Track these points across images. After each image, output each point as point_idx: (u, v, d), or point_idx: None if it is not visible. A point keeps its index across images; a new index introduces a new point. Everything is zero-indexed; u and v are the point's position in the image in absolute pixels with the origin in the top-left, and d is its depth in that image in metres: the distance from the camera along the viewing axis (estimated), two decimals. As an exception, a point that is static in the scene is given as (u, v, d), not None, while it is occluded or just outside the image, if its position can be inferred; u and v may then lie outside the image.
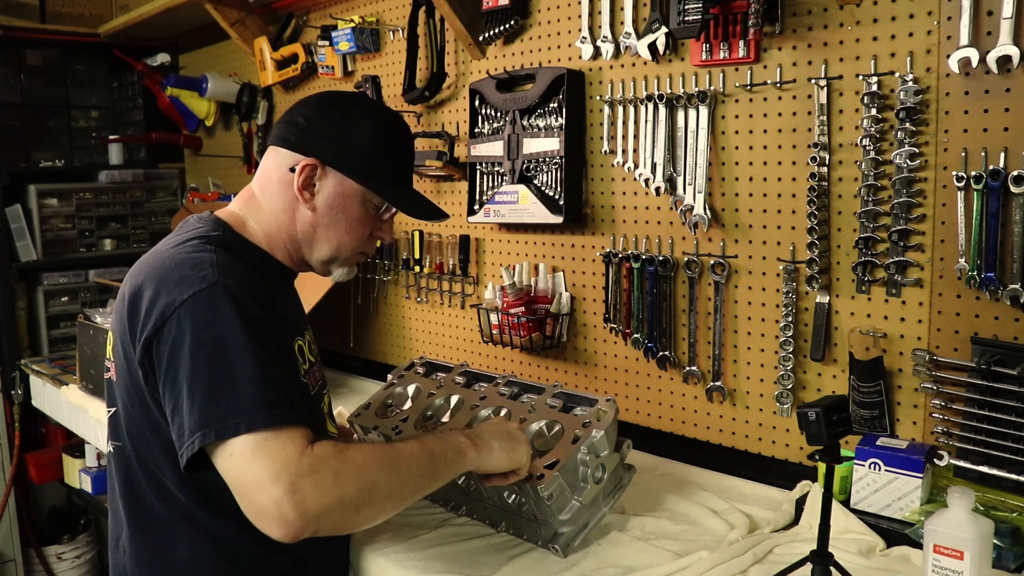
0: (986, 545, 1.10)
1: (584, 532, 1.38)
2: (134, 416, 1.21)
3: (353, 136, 1.29)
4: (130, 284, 1.20)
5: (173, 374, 1.10)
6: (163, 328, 1.11)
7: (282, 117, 1.35)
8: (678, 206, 1.74)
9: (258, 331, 1.12)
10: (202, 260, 1.17)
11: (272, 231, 1.31)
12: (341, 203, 1.30)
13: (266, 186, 1.32)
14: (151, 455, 1.21)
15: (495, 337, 2.08)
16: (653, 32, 1.71)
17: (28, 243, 3.18)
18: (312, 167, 1.27)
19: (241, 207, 1.34)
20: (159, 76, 3.41)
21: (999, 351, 1.35)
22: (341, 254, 1.34)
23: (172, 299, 1.12)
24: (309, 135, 1.29)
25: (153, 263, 1.20)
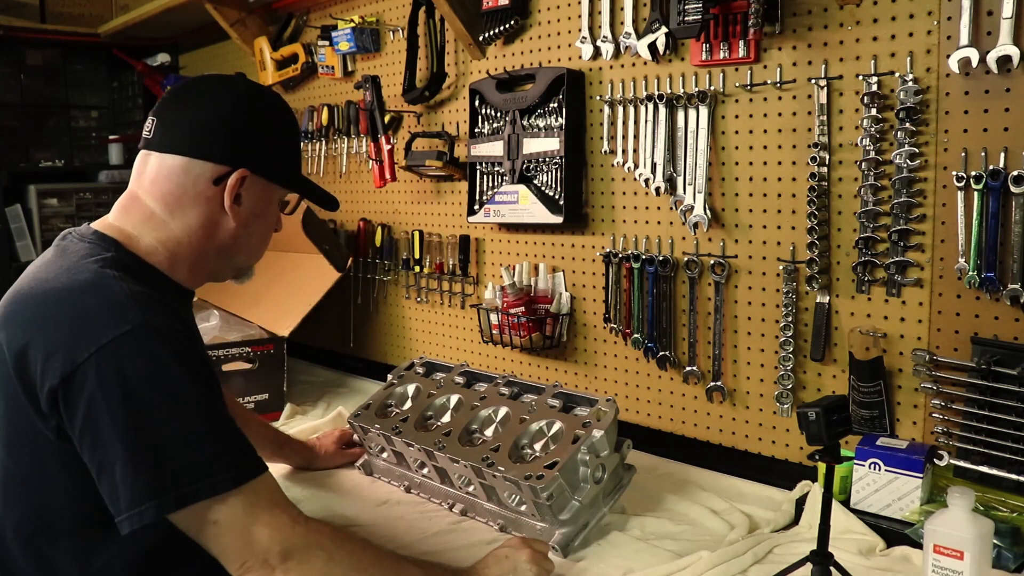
0: (986, 545, 1.10)
1: (584, 532, 1.38)
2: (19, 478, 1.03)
3: (278, 138, 1.21)
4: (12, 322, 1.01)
5: (97, 431, 0.95)
6: (73, 377, 0.94)
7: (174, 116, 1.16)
8: (678, 206, 1.74)
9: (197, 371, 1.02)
10: (113, 292, 1.01)
11: (180, 250, 1.15)
12: (263, 209, 1.21)
13: (176, 203, 1.14)
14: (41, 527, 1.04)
15: (495, 337, 2.08)
16: (653, 32, 1.71)
17: (28, 243, 3.18)
18: (244, 178, 1.15)
19: (130, 223, 1.15)
20: (159, 76, 3.41)
21: (999, 351, 1.35)
22: (255, 260, 1.27)
23: (84, 342, 0.95)
24: (234, 142, 1.15)
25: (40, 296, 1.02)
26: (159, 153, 1.15)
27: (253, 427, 1.63)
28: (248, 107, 1.18)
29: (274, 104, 1.23)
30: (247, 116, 1.18)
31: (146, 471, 0.95)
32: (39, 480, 1.03)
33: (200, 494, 0.96)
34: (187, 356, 1.01)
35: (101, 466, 0.96)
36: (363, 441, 1.71)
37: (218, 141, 1.14)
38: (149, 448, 0.95)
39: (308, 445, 1.76)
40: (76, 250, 1.10)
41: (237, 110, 1.17)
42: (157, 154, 1.15)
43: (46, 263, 1.10)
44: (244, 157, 1.15)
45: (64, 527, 1.04)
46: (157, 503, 0.95)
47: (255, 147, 1.17)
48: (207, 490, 0.96)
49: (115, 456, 0.95)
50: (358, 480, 1.70)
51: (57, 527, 1.04)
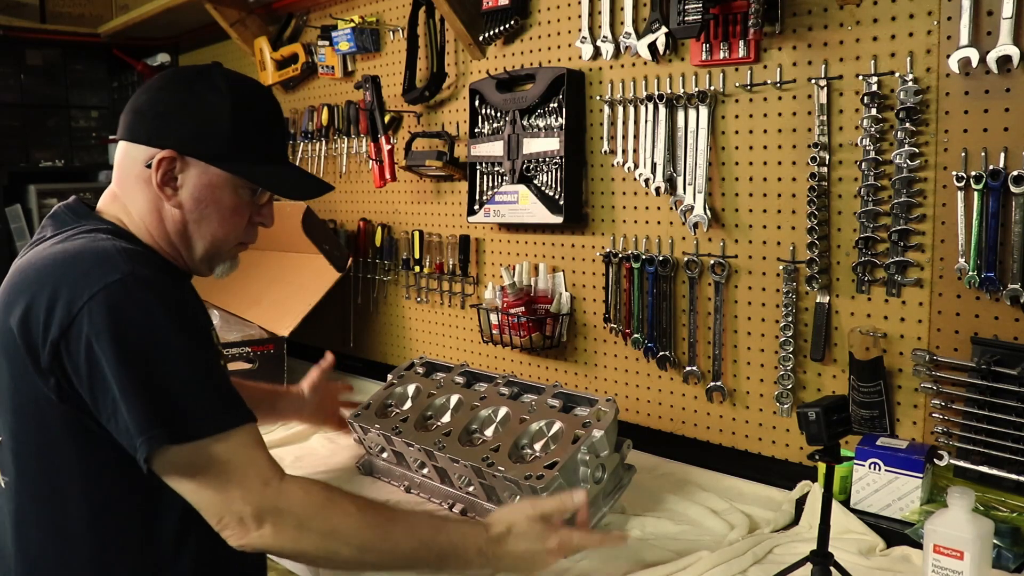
0: (986, 545, 1.09)
1: (584, 532, 1.38)
2: (28, 443, 1.07)
3: (208, 115, 1.13)
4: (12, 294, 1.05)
5: (101, 375, 0.99)
6: (71, 327, 0.99)
7: (126, 106, 1.19)
8: (678, 206, 1.74)
9: (185, 322, 1.04)
10: (104, 249, 1.05)
11: (144, 233, 1.16)
12: (209, 194, 1.15)
13: (125, 187, 1.16)
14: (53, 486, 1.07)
15: (495, 337, 2.08)
16: (653, 32, 1.71)
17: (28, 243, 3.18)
18: (169, 160, 1.12)
19: (111, 207, 1.18)
20: (159, 76, 3.41)
21: (999, 351, 1.35)
22: (220, 249, 1.21)
23: (79, 293, 0.99)
24: (159, 123, 1.13)
25: (38, 264, 1.06)
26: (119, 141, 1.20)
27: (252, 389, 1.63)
28: (180, 88, 1.15)
29: (218, 84, 1.15)
30: (177, 97, 1.15)
31: (140, 409, 0.99)
32: (48, 448, 1.06)
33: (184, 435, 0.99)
34: (172, 305, 1.04)
35: (111, 406, 1.00)
36: (363, 441, 1.71)
37: (146, 123, 1.15)
38: (139, 386, 0.99)
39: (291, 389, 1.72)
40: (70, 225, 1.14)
41: (168, 92, 1.16)
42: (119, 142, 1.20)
43: (43, 237, 1.14)
44: (169, 138, 1.13)
45: (74, 493, 1.06)
46: (148, 438, 0.98)
47: (184, 126, 1.13)
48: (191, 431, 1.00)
49: (115, 397, 0.99)
50: (358, 480, 1.70)
51: (68, 493, 1.07)
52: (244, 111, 1.16)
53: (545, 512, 1.17)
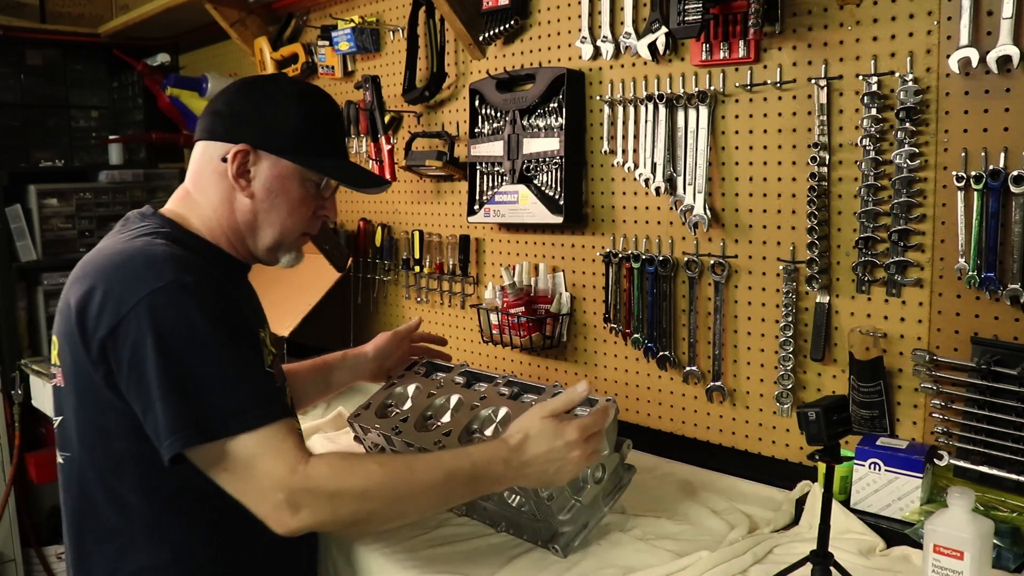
0: (986, 545, 1.09)
1: (584, 532, 1.38)
2: (86, 423, 1.18)
3: (279, 115, 1.26)
4: (76, 286, 1.16)
5: (139, 375, 1.08)
6: (119, 327, 1.08)
7: (205, 110, 1.31)
8: (678, 206, 1.74)
9: (223, 325, 1.12)
10: (155, 255, 1.14)
11: (213, 225, 1.28)
12: (279, 185, 1.27)
13: (199, 182, 1.29)
14: (108, 463, 1.17)
15: (495, 337, 2.08)
16: (653, 32, 1.71)
17: (28, 243, 3.18)
18: (244, 153, 1.24)
19: (180, 206, 1.30)
20: (159, 76, 3.41)
21: (999, 351, 1.35)
22: (286, 239, 1.31)
23: (127, 297, 1.09)
24: (235, 122, 1.25)
25: (99, 262, 1.16)
26: (195, 143, 1.31)
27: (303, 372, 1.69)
28: (254, 90, 1.29)
29: (287, 87, 1.30)
30: (251, 97, 1.28)
31: (177, 407, 1.06)
32: (103, 425, 1.16)
33: (219, 431, 1.07)
34: (212, 310, 1.11)
35: (145, 405, 1.08)
36: (363, 441, 1.71)
37: (223, 122, 1.26)
38: (177, 388, 1.07)
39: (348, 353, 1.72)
40: (137, 225, 1.24)
41: (243, 94, 1.28)
42: (196, 144, 1.31)
43: (109, 237, 1.26)
44: (244, 134, 1.24)
45: (129, 466, 1.16)
46: (185, 435, 1.06)
47: (258, 124, 1.25)
48: (226, 428, 1.07)
49: (153, 394, 1.07)
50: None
51: (124, 467, 1.16)
52: (309, 110, 1.28)
53: (555, 409, 1.25)
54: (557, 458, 1.21)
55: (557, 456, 1.21)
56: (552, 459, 1.21)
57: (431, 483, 1.15)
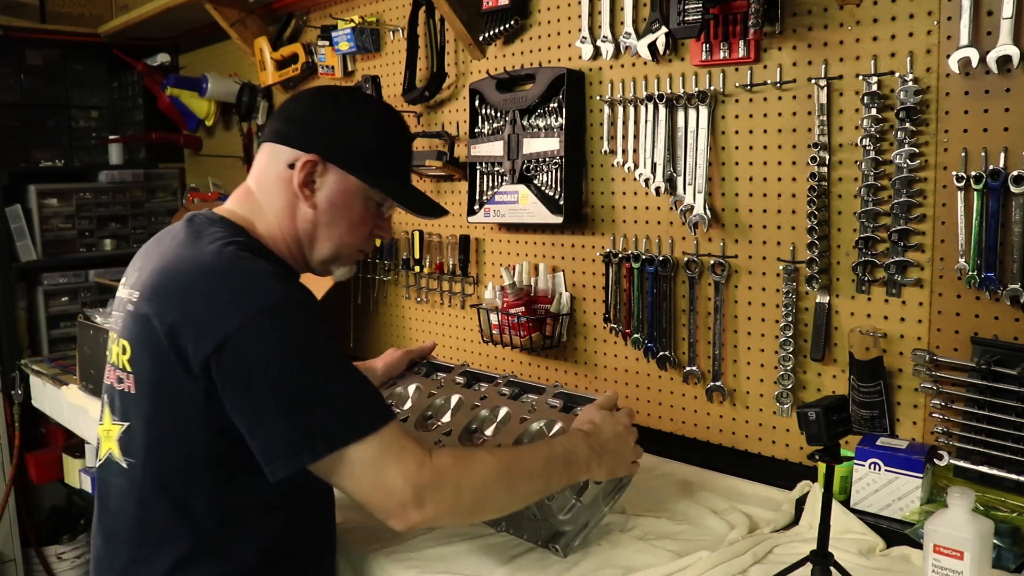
0: (986, 545, 1.09)
1: (584, 532, 1.38)
2: (160, 432, 1.16)
3: (354, 131, 1.26)
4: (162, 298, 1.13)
5: (252, 391, 1.07)
6: (226, 345, 1.06)
7: (277, 112, 1.31)
8: (678, 206, 1.74)
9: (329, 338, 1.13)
10: (255, 270, 1.13)
11: (275, 232, 1.27)
12: (343, 200, 1.26)
13: (264, 184, 1.28)
14: (178, 473, 1.16)
15: (495, 337, 2.08)
16: (653, 32, 1.71)
17: (28, 243, 3.18)
18: (312, 163, 1.23)
19: (242, 207, 1.29)
20: (159, 76, 3.41)
21: (999, 351, 1.35)
22: (342, 253, 1.32)
23: (234, 313, 1.07)
24: (308, 130, 1.25)
25: (188, 271, 1.14)
26: (263, 144, 1.30)
27: None
28: (332, 103, 1.28)
29: (364, 104, 1.31)
30: (329, 109, 1.27)
31: (297, 423, 1.06)
32: (179, 433, 1.14)
33: (344, 439, 1.07)
34: (321, 323, 1.13)
35: (255, 423, 1.08)
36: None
37: (296, 128, 1.26)
38: (297, 403, 1.07)
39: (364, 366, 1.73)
40: (209, 232, 1.21)
41: (320, 104, 1.28)
42: (263, 145, 1.30)
43: (184, 243, 1.20)
44: (316, 144, 1.24)
45: (199, 474, 1.15)
46: (310, 450, 1.06)
47: (331, 136, 1.25)
48: (347, 436, 1.07)
49: (267, 413, 1.06)
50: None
51: (193, 474, 1.15)
52: (384, 129, 1.29)
53: (604, 406, 1.36)
54: (622, 441, 1.31)
55: (621, 440, 1.31)
56: (619, 442, 1.31)
57: (535, 469, 1.19)
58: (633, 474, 1.48)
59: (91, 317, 2.45)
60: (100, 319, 2.42)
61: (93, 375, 2.43)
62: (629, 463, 1.34)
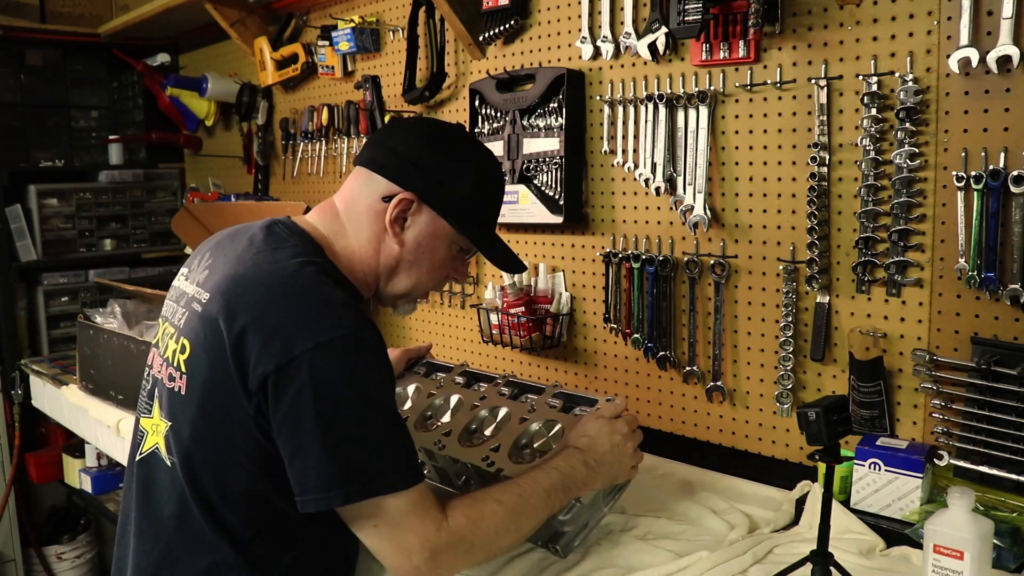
0: (986, 545, 1.09)
1: (584, 532, 1.38)
2: (204, 438, 1.15)
3: (454, 175, 1.25)
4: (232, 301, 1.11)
5: (298, 419, 1.06)
6: (288, 367, 1.05)
7: (377, 138, 1.30)
8: (678, 206, 1.74)
9: (387, 383, 1.13)
10: (332, 297, 1.12)
11: (355, 259, 1.25)
12: (430, 242, 1.26)
13: (353, 210, 1.26)
14: (216, 481, 1.15)
15: (495, 337, 2.08)
16: (653, 32, 1.71)
17: (28, 243, 3.18)
18: (408, 201, 1.22)
19: (326, 226, 1.26)
20: (159, 76, 3.41)
21: (999, 351, 1.35)
22: (417, 292, 1.31)
23: (302, 338, 1.06)
24: (409, 166, 1.23)
25: (263, 282, 1.12)
26: (356, 166, 1.28)
27: None
28: (438, 142, 1.27)
29: (471, 149, 1.29)
30: (433, 148, 1.25)
31: (338, 462, 1.06)
32: (223, 446, 1.13)
33: (378, 490, 1.07)
34: (383, 366, 1.13)
35: (296, 450, 1.07)
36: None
37: (397, 161, 1.24)
38: (343, 442, 1.06)
39: None
40: (290, 245, 1.20)
41: (426, 141, 1.26)
42: (357, 167, 1.28)
43: (262, 252, 1.18)
44: (415, 182, 1.22)
45: (233, 490, 1.14)
46: (343, 492, 1.06)
47: (430, 177, 1.23)
48: (383, 488, 1.07)
49: (311, 443, 1.05)
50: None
51: (232, 488, 1.14)
52: (484, 178, 1.28)
53: (603, 415, 1.34)
54: (619, 452, 1.30)
55: (618, 450, 1.30)
56: (616, 454, 1.29)
57: (538, 505, 1.20)
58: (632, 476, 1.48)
59: (91, 317, 2.45)
60: (100, 319, 2.42)
61: (93, 375, 2.43)
62: (628, 470, 1.33)
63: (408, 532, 1.08)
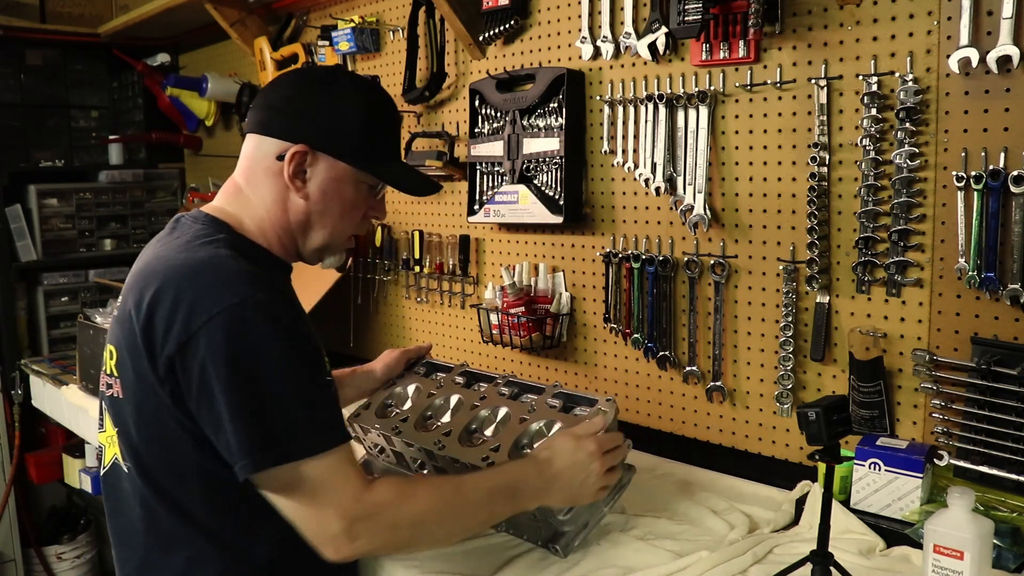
0: (986, 545, 1.09)
1: (584, 532, 1.38)
2: (149, 436, 1.15)
3: (339, 116, 1.23)
4: (138, 295, 1.12)
5: (209, 395, 1.05)
6: (188, 344, 1.05)
7: (257, 101, 1.27)
8: (678, 206, 1.74)
9: (294, 345, 1.10)
10: (223, 268, 1.11)
11: (266, 225, 1.25)
12: (335, 188, 1.24)
13: (252, 178, 1.25)
14: (172, 475, 1.15)
15: (495, 337, 2.08)
16: (653, 32, 1.71)
17: (28, 243, 3.18)
18: (302, 154, 1.20)
19: (230, 203, 1.26)
20: (159, 76, 3.41)
21: (999, 351, 1.35)
22: (335, 240, 1.30)
23: (198, 313, 1.05)
24: (293, 120, 1.22)
25: (162, 272, 1.12)
26: (247, 135, 1.27)
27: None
28: (315, 88, 1.25)
29: (348, 86, 1.25)
30: (311, 95, 1.23)
31: (249, 429, 1.05)
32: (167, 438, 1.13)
33: (288, 455, 1.05)
34: (285, 328, 1.09)
35: (215, 424, 1.07)
36: (363, 441, 1.71)
37: (281, 118, 1.22)
38: (248, 410, 1.05)
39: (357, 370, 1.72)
40: (191, 232, 1.20)
41: (303, 90, 1.24)
42: (247, 136, 1.27)
43: (164, 242, 1.21)
44: (304, 133, 1.21)
45: (194, 479, 1.14)
46: (253, 459, 1.05)
47: (317, 124, 1.22)
48: (294, 452, 1.06)
49: (223, 414, 1.05)
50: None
51: (189, 479, 1.14)
52: (372, 113, 1.26)
53: (575, 432, 1.30)
54: (580, 470, 1.25)
55: (580, 468, 1.25)
56: (577, 471, 1.24)
57: (477, 501, 1.18)
58: (633, 474, 1.48)
59: (91, 317, 2.45)
60: (100, 319, 2.42)
61: (93, 375, 2.43)
62: (594, 491, 1.27)
63: (324, 499, 1.06)
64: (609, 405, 1.41)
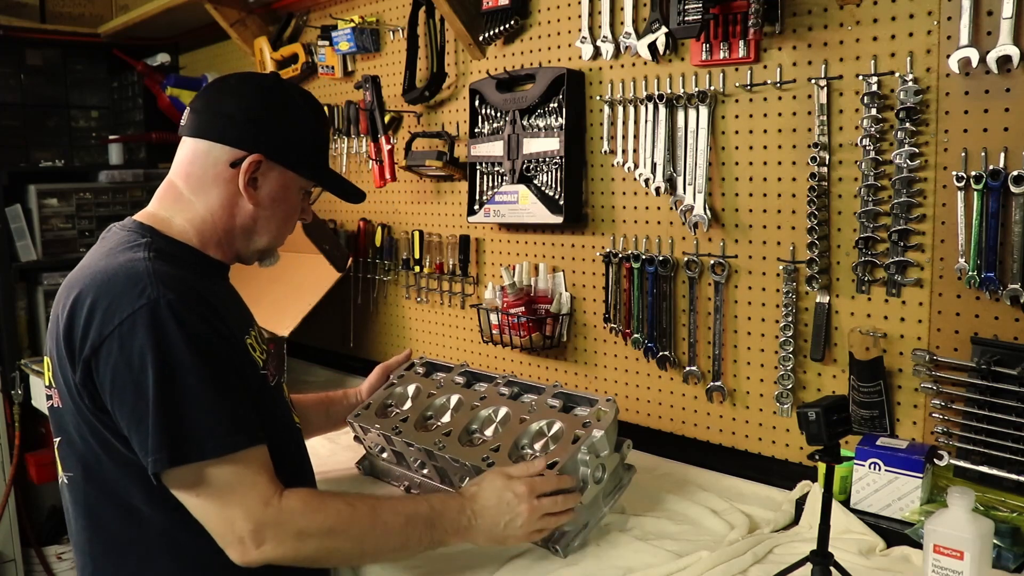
0: (986, 545, 1.10)
1: (584, 532, 1.38)
2: (85, 442, 1.16)
3: (296, 129, 1.29)
4: (61, 305, 1.15)
5: (120, 395, 1.07)
6: (101, 348, 1.07)
7: (203, 105, 1.28)
8: (678, 206, 1.74)
9: (202, 345, 1.10)
10: (137, 272, 1.12)
11: (206, 228, 1.27)
12: (283, 194, 1.30)
13: (198, 183, 1.26)
14: (113, 478, 1.15)
15: (495, 337, 2.08)
16: (653, 32, 1.71)
17: (28, 243, 3.18)
18: (258, 163, 1.25)
19: (164, 207, 1.28)
20: (159, 76, 3.41)
21: (999, 351, 1.35)
22: (276, 242, 1.36)
23: (110, 316, 1.07)
24: (250, 128, 1.24)
25: (81, 280, 1.14)
26: (188, 138, 1.28)
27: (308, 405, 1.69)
28: (269, 98, 1.28)
29: (298, 98, 1.31)
30: (267, 106, 1.27)
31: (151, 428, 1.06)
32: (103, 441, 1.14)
33: (188, 456, 1.06)
34: (192, 328, 1.10)
35: (128, 425, 1.08)
36: (363, 441, 1.71)
37: (236, 127, 1.25)
38: (155, 409, 1.06)
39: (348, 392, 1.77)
40: (116, 239, 1.23)
41: (258, 100, 1.27)
42: (187, 139, 1.28)
43: (91, 252, 1.24)
44: (260, 143, 1.25)
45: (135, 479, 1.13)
46: (155, 458, 1.06)
47: (272, 135, 1.26)
48: (194, 453, 1.07)
49: (134, 416, 1.07)
50: (359, 480, 1.70)
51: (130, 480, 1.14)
52: (319, 123, 1.33)
53: (509, 473, 1.29)
54: (506, 511, 1.24)
55: (506, 509, 1.24)
56: (501, 512, 1.24)
57: (392, 525, 1.18)
58: (633, 474, 1.48)
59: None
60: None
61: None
62: (523, 534, 1.25)
63: (231, 501, 1.07)
64: (609, 405, 1.41)
